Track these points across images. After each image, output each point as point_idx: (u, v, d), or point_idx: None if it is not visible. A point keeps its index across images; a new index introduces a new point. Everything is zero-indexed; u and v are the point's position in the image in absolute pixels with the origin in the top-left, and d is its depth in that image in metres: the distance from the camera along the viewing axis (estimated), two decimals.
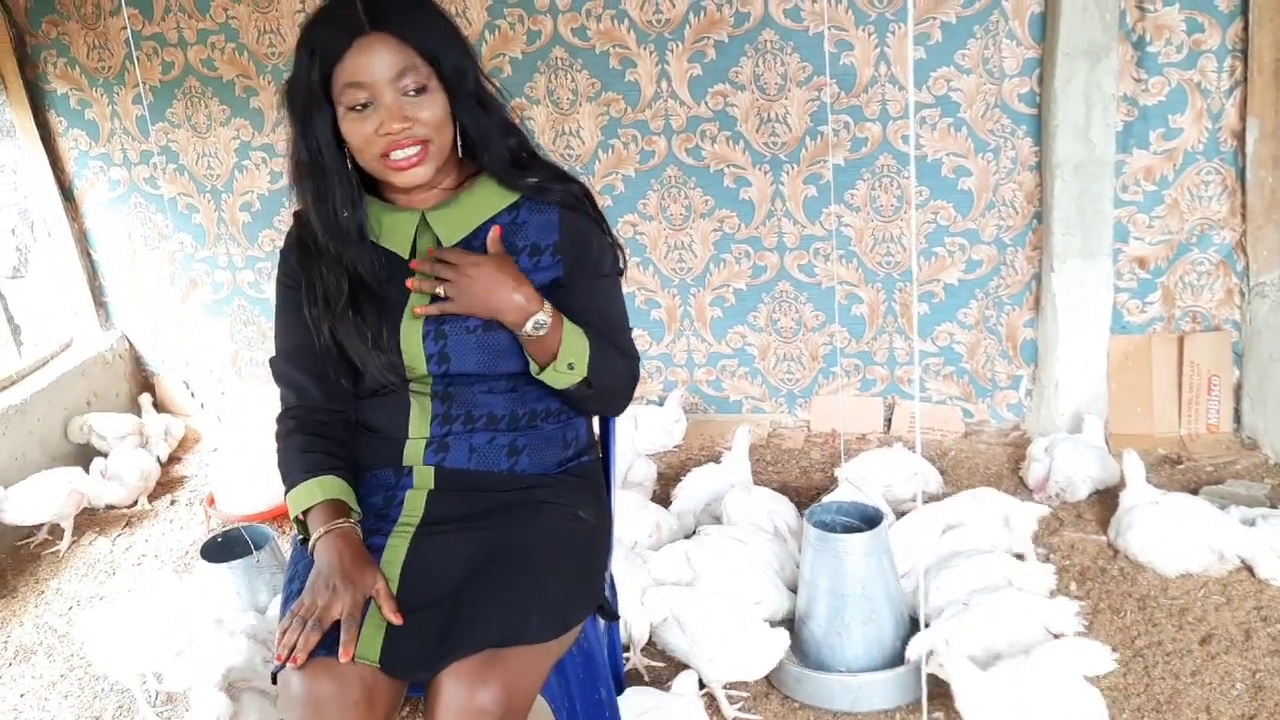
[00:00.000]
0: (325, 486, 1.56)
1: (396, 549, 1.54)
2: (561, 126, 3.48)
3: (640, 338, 3.70)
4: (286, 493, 1.59)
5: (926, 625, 2.21)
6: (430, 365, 1.60)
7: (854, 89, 3.24)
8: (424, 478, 1.63)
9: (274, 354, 1.69)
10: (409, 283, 1.55)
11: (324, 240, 1.57)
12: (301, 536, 1.58)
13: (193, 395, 4.11)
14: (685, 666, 2.25)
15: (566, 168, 1.70)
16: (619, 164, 3.49)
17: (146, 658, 2.36)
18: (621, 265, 1.71)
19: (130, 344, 4.10)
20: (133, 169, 3.83)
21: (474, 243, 1.60)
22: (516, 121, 1.64)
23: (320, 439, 1.62)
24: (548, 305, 1.53)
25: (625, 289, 1.73)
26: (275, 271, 1.70)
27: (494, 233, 1.57)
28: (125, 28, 3.61)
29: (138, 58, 3.64)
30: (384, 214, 1.61)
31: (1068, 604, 2.32)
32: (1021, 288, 3.36)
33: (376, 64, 1.46)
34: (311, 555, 1.52)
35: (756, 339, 3.63)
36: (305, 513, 1.56)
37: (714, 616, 2.25)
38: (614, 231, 1.70)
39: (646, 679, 2.36)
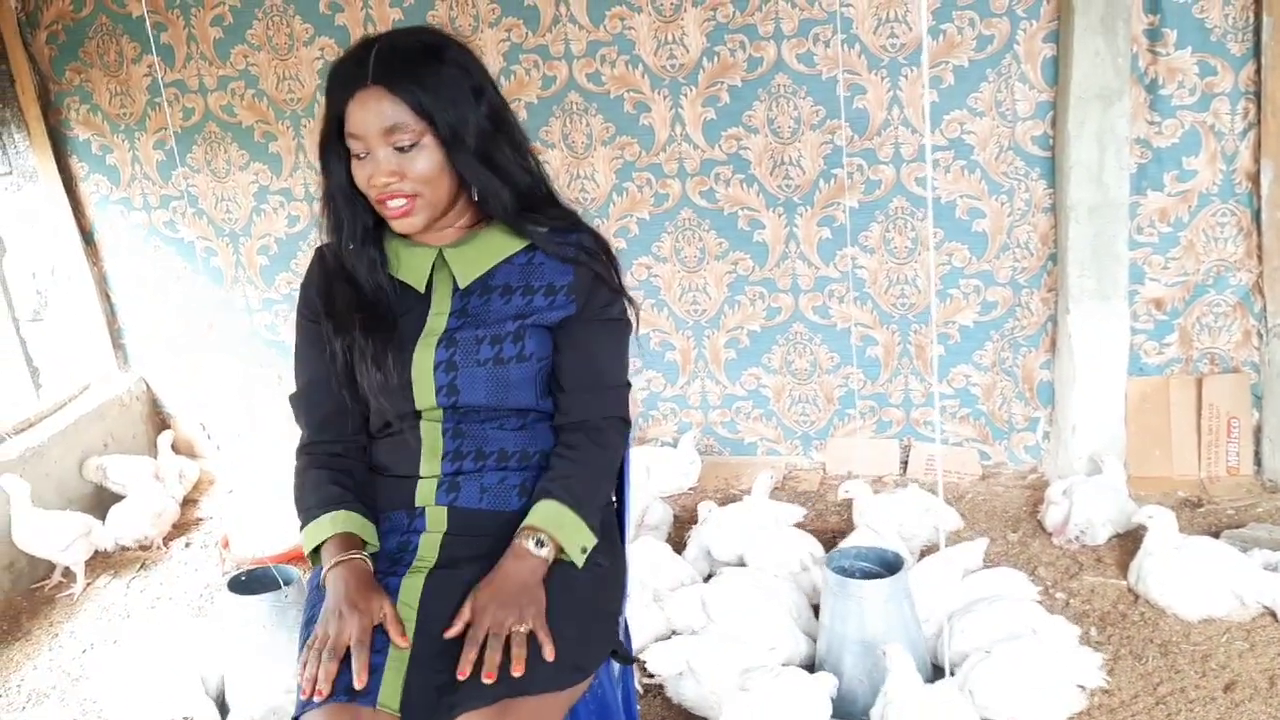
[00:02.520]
0: (338, 521, 1.57)
1: (411, 589, 1.54)
2: (576, 170, 3.50)
3: (654, 380, 3.70)
4: (301, 528, 1.60)
5: (951, 673, 2.18)
6: (439, 397, 1.61)
7: (867, 132, 3.25)
8: (437, 520, 1.63)
9: (293, 390, 1.71)
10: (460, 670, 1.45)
11: (336, 267, 1.64)
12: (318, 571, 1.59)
13: (209, 437, 4.13)
14: None
15: (580, 212, 1.70)
16: (633, 207, 3.51)
17: (162, 705, 2.36)
18: (630, 317, 1.70)
19: (148, 386, 4.12)
20: (152, 213, 3.87)
21: (490, 281, 1.63)
22: (533, 165, 1.65)
23: (336, 473, 1.64)
24: (530, 539, 1.53)
25: (640, 330, 1.73)
26: (293, 314, 1.74)
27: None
28: (148, 74, 3.66)
29: (159, 104, 3.69)
30: (402, 248, 1.65)
31: (1092, 655, 2.28)
32: (1037, 329, 3.35)
33: (370, 117, 1.50)
34: (323, 589, 1.54)
35: (771, 381, 3.62)
36: (319, 549, 1.57)
37: (732, 664, 2.23)
38: (625, 282, 1.70)
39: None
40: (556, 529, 1.52)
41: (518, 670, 1.40)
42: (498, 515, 1.62)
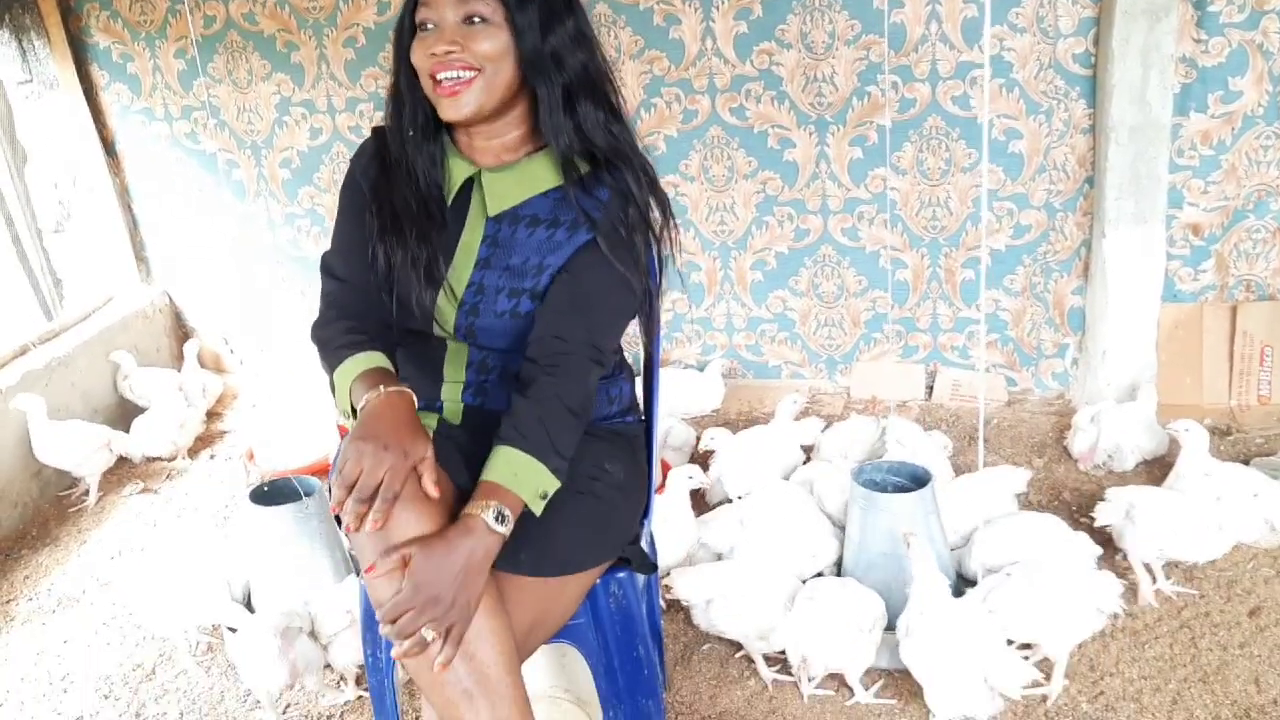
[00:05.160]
0: (375, 359, 1.51)
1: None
2: None
3: (679, 302, 3.67)
4: (332, 370, 1.53)
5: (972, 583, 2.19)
6: (458, 333, 1.60)
7: (904, 48, 3.17)
8: (454, 413, 1.65)
9: (328, 250, 1.68)
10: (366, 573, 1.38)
11: (397, 155, 1.60)
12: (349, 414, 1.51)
13: (232, 352, 4.13)
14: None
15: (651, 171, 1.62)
16: (661, 123, 3.44)
17: (189, 610, 2.39)
18: (652, 285, 1.65)
19: (171, 300, 4.12)
20: (174, 124, 3.82)
21: (520, 212, 1.58)
22: (617, 105, 1.59)
23: (365, 323, 1.59)
24: (490, 510, 1.38)
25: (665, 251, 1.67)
26: (314, 228, 1.71)
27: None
28: None
29: (180, 11, 3.62)
30: (446, 156, 1.62)
31: (1111, 579, 2.27)
32: (1070, 254, 3.29)
33: None
34: (359, 414, 1.45)
35: (797, 304, 3.58)
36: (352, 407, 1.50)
37: (765, 587, 2.22)
38: (667, 210, 1.63)
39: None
40: (514, 482, 1.42)
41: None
42: None
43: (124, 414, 3.64)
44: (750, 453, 2.87)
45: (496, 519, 1.38)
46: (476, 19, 1.47)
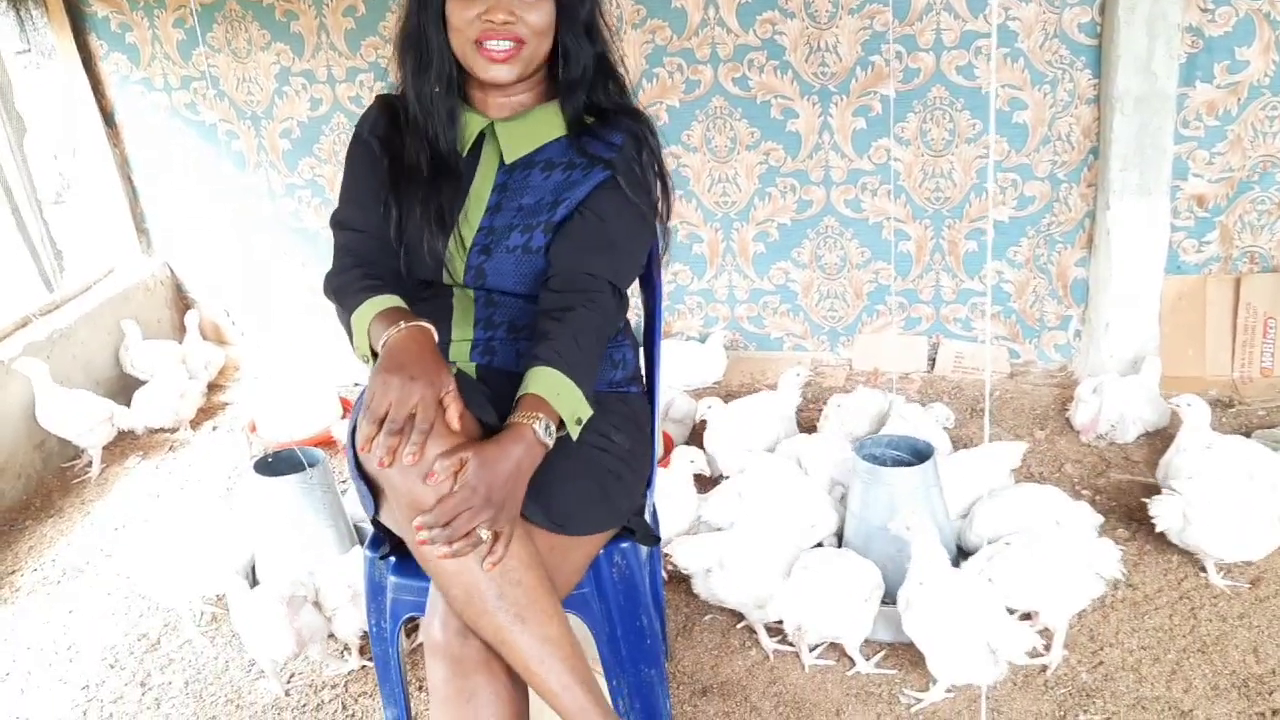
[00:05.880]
0: (392, 300, 1.52)
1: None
2: None
3: (681, 273, 3.66)
4: (349, 315, 1.53)
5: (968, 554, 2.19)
6: (467, 277, 1.61)
7: (908, 17, 3.14)
8: (467, 371, 1.65)
9: (337, 206, 1.69)
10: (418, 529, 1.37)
11: (415, 112, 1.62)
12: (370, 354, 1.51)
13: (233, 323, 4.13)
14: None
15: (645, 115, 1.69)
16: (663, 94, 3.42)
17: (193, 581, 2.40)
18: (662, 210, 1.68)
19: (172, 271, 4.11)
20: (173, 94, 3.80)
21: (535, 158, 1.63)
22: (617, 64, 1.67)
23: (380, 270, 1.61)
24: (539, 422, 1.41)
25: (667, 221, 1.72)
26: (315, 199, 1.71)
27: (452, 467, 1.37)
28: None
29: None
30: (458, 110, 1.64)
31: (1111, 546, 2.28)
32: (1074, 225, 3.28)
33: None
34: (381, 351, 1.45)
35: (800, 275, 3.57)
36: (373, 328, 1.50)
37: (765, 556, 2.23)
38: (666, 181, 1.69)
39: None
40: (556, 401, 1.44)
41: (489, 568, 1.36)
42: None
43: (125, 386, 3.64)
44: (740, 425, 2.87)
45: (545, 430, 1.41)
46: None
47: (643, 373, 1.89)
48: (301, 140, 3.77)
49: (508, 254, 1.60)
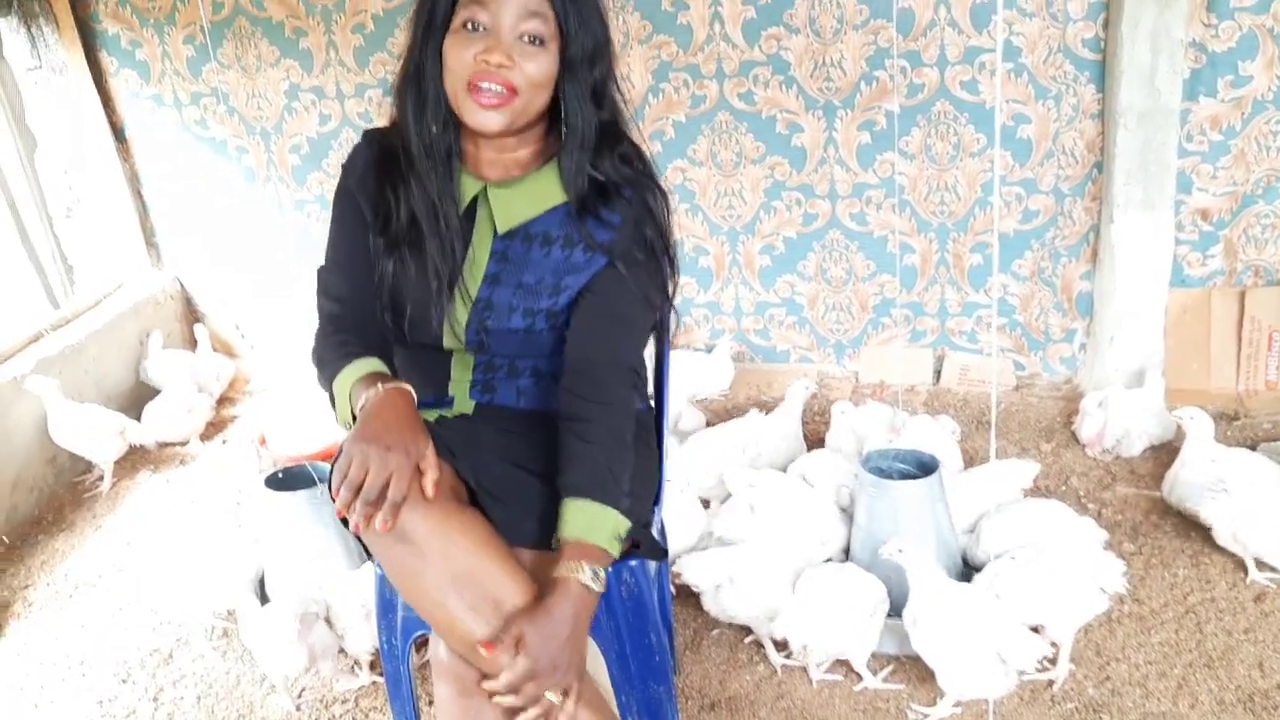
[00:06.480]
0: (372, 364, 1.52)
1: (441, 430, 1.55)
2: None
3: (687, 285, 3.67)
4: (331, 379, 1.53)
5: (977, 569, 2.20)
6: (468, 346, 1.61)
7: (912, 32, 3.16)
8: (465, 408, 1.66)
9: (322, 264, 1.66)
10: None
11: (416, 152, 1.54)
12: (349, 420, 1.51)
13: (243, 337, 4.15)
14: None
15: (655, 175, 1.64)
16: (669, 109, 3.45)
17: (205, 595, 2.42)
18: (669, 289, 1.66)
19: (182, 285, 4.14)
20: (183, 110, 3.83)
21: (531, 230, 1.57)
22: (628, 133, 1.60)
23: (363, 336, 1.58)
24: (585, 570, 1.40)
25: (674, 235, 1.68)
26: (325, 213, 1.70)
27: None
28: None
29: None
30: (456, 150, 1.58)
31: (1115, 561, 2.29)
32: (1079, 239, 3.29)
33: None
34: (359, 415, 1.44)
35: (805, 288, 3.59)
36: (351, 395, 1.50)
37: (775, 571, 2.23)
38: (673, 259, 1.65)
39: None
40: (592, 534, 1.43)
41: None
42: (533, 415, 1.65)
43: (137, 400, 3.66)
44: (747, 442, 2.88)
45: (593, 577, 1.40)
46: (536, 40, 1.45)
47: (648, 392, 1.91)
48: (310, 155, 3.80)
49: (510, 334, 1.59)
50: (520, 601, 1.39)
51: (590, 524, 1.44)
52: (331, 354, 1.55)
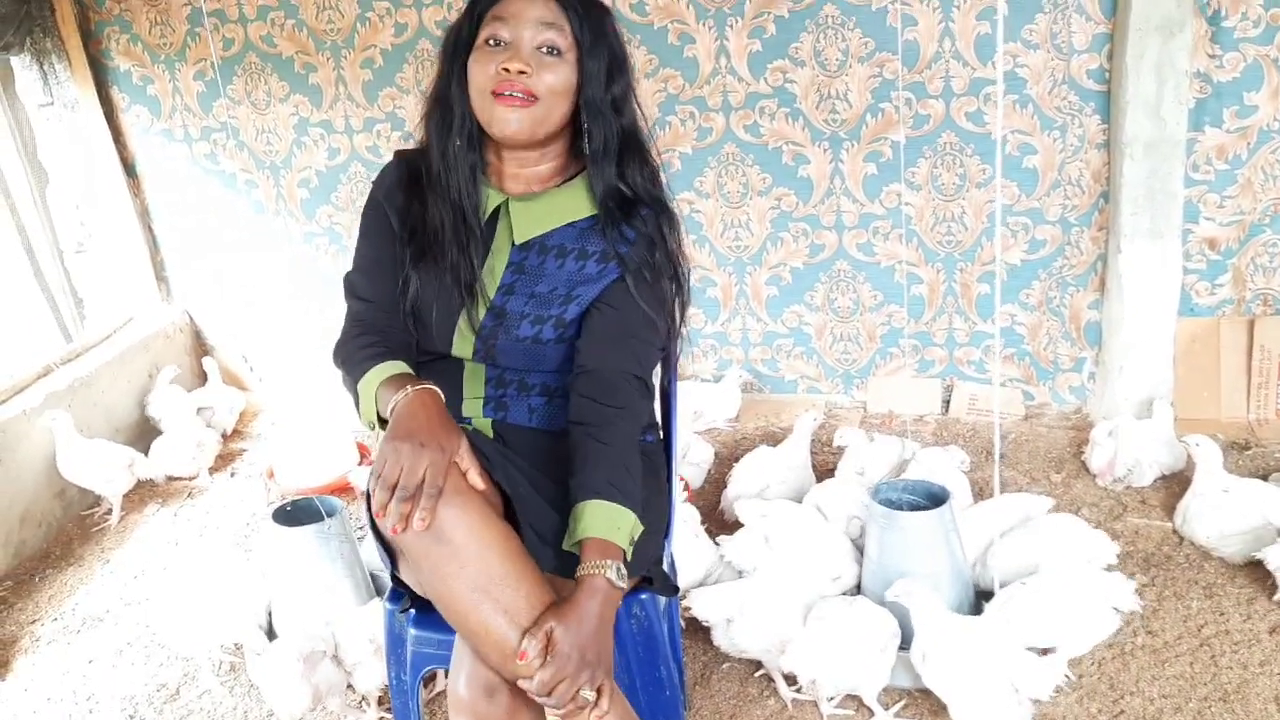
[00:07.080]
0: (397, 366, 1.54)
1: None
2: None
3: (695, 316, 3.68)
4: (355, 383, 1.56)
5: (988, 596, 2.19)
6: (475, 356, 1.63)
7: (917, 65, 3.18)
8: (483, 427, 1.66)
9: (350, 270, 1.70)
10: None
11: (439, 169, 1.60)
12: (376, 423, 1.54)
13: (251, 370, 4.16)
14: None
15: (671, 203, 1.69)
16: (676, 141, 3.47)
17: (212, 630, 2.41)
18: (676, 314, 1.69)
19: (191, 319, 4.15)
20: (194, 145, 3.86)
21: (547, 242, 1.62)
22: (648, 147, 1.66)
23: (388, 338, 1.62)
24: (610, 568, 1.42)
25: (687, 262, 1.71)
26: (333, 247, 1.73)
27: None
28: (188, 3, 3.63)
29: (199, 34, 3.66)
30: (479, 167, 1.63)
31: (1124, 580, 2.28)
32: (1086, 269, 3.29)
33: (530, 9, 1.51)
34: (389, 417, 1.47)
35: (813, 318, 3.59)
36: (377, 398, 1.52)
37: (787, 604, 2.22)
38: (682, 284, 1.69)
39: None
40: (616, 535, 1.45)
41: None
42: (545, 434, 1.66)
43: (145, 433, 3.67)
44: (757, 474, 2.88)
45: (618, 574, 1.42)
46: (552, 51, 1.52)
47: (658, 423, 1.91)
48: (319, 189, 3.82)
49: (516, 343, 1.61)
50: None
51: (611, 523, 1.46)
52: (357, 355, 1.58)
